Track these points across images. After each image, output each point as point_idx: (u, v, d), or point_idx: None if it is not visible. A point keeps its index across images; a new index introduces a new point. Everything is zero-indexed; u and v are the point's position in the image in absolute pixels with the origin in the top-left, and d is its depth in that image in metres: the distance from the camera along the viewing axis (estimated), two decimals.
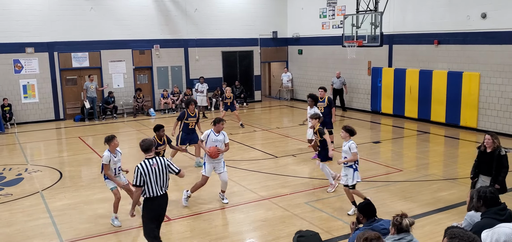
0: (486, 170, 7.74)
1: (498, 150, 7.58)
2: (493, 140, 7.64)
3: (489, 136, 7.74)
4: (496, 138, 7.69)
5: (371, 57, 19.71)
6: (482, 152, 7.82)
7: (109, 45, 20.60)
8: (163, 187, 6.60)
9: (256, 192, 10.09)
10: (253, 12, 23.81)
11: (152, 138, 6.89)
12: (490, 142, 7.65)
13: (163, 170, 6.55)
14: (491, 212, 4.43)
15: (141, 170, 6.45)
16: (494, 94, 15.20)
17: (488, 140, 7.70)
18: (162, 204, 6.67)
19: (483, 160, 7.77)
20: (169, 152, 11.56)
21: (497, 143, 7.65)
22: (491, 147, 7.65)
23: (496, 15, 14.84)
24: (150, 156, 6.60)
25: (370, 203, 5.29)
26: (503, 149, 7.66)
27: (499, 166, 7.55)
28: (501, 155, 7.55)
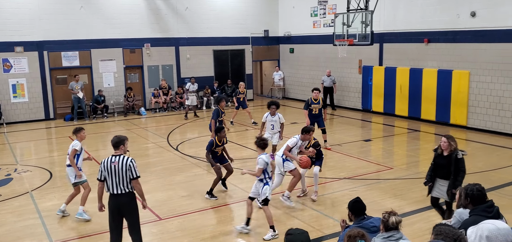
0: (442, 174, 7.49)
1: (455, 153, 7.34)
2: (450, 143, 7.38)
3: (445, 138, 7.47)
4: (452, 140, 7.43)
5: (362, 56, 19.79)
6: (439, 155, 7.56)
7: (99, 44, 20.49)
8: (122, 186, 6.42)
9: (247, 191, 10.06)
10: (244, 10, 23.80)
11: (123, 135, 6.74)
12: (446, 145, 7.39)
13: (122, 169, 6.39)
14: (479, 209, 4.48)
15: (102, 166, 6.50)
16: (483, 92, 15.33)
17: (444, 143, 7.43)
18: (119, 203, 6.51)
19: (439, 163, 7.51)
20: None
21: (454, 145, 7.38)
22: (447, 149, 7.39)
23: (485, 14, 14.97)
24: (116, 153, 6.55)
25: (359, 201, 5.31)
26: (460, 151, 7.42)
27: (457, 170, 7.32)
28: (458, 158, 7.32)
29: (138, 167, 6.67)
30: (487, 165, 11.63)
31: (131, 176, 6.43)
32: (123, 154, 6.59)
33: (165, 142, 15.13)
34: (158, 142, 15.26)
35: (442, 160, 7.43)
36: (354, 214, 5.24)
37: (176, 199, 9.68)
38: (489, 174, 10.90)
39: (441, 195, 7.57)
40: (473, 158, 12.67)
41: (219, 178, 9.81)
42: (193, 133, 16.79)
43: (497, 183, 10.11)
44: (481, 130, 15.41)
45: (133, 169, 6.44)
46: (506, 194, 9.32)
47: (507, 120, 14.74)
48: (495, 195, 9.02)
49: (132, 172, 6.44)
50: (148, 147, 14.64)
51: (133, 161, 6.49)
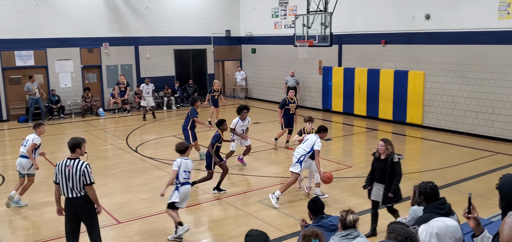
0: (379, 177, 7.48)
1: (391, 157, 7.31)
2: (386, 146, 7.33)
3: (382, 142, 7.43)
4: (389, 144, 7.38)
5: (321, 57, 20.08)
6: (376, 159, 7.53)
7: (55, 43, 19.90)
8: (77, 190, 6.26)
9: (209, 192, 10.06)
10: (206, 10, 23.69)
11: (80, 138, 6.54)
12: (383, 148, 7.35)
13: (76, 174, 6.21)
14: (432, 206, 4.63)
15: (57, 169, 6.36)
16: (437, 92, 15.86)
17: (381, 146, 7.39)
18: (75, 207, 6.36)
19: (377, 167, 7.50)
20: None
21: (391, 149, 7.33)
22: (384, 153, 7.35)
23: (438, 16, 15.49)
24: (72, 156, 6.36)
25: (317, 200, 5.39)
26: (396, 155, 7.37)
27: (392, 173, 7.29)
28: (394, 162, 7.29)
29: (97, 169, 6.58)
30: (442, 163, 12.03)
31: (84, 181, 6.24)
32: (79, 157, 6.40)
33: (124, 144, 14.88)
34: (117, 143, 14.99)
35: (379, 163, 7.44)
36: (313, 213, 5.31)
37: (135, 201, 9.54)
38: (443, 171, 11.29)
39: (379, 199, 7.58)
40: (428, 155, 13.10)
41: (226, 172, 9.90)
42: (153, 134, 16.57)
43: (451, 180, 10.48)
44: (436, 128, 15.93)
45: (87, 174, 6.25)
46: (459, 190, 9.67)
47: (460, 119, 15.30)
48: (448, 191, 9.35)
49: (86, 177, 6.25)
50: (107, 149, 14.36)
51: (87, 167, 6.28)
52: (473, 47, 14.67)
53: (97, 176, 11.05)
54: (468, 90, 14.96)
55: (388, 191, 7.34)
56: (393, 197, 7.37)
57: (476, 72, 14.66)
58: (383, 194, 7.42)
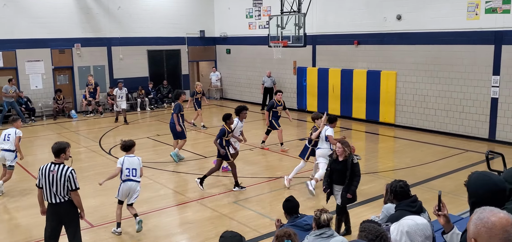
0: (337, 179, 7.47)
1: (351, 158, 7.32)
2: (344, 148, 7.35)
3: (340, 144, 7.44)
4: (347, 146, 7.40)
5: (296, 57, 20.22)
6: (334, 160, 7.52)
7: (25, 44, 19.47)
8: (60, 196, 6.18)
9: (183, 193, 10.02)
10: (179, 10, 23.55)
11: (65, 142, 6.48)
12: (341, 150, 7.35)
13: (61, 179, 6.12)
14: (403, 204, 4.74)
15: (40, 173, 6.26)
16: (409, 91, 16.16)
17: (339, 148, 7.40)
18: (59, 213, 6.28)
19: (335, 169, 7.48)
20: None
21: (349, 150, 7.36)
22: (342, 155, 7.36)
23: (409, 17, 15.79)
24: (56, 161, 6.28)
25: (292, 200, 5.41)
26: (355, 156, 7.43)
27: (352, 174, 7.30)
28: (353, 163, 7.31)
29: None
30: (414, 161, 12.27)
31: (70, 187, 6.18)
32: (63, 162, 6.31)
33: (97, 146, 14.67)
34: (90, 145, 14.77)
35: (338, 165, 7.42)
36: (287, 213, 5.35)
37: (109, 205, 9.40)
38: (415, 169, 11.52)
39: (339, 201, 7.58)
40: (400, 154, 13.34)
41: (234, 166, 10.08)
42: (126, 136, 16.29)
43: (422, 178, 10.70)
44: (408, 127, 16.23)
45: (72, 180, 6.19)
46: (430, 188, 9.88)
47: (431, 118, 15.63)
48: (420, 189, 9.55)
49: (71, 183, 6.18)
50: (80, 151, 14.13)
51: (72, 172, 6.22)
52: (443, 47, 15.01)
53: None
54: (438, 90, 15.29)
55: (347, 192, 7.30)
56: (351, 198, 7.39)
57: (446, 72, 15.00)
58: (342, 195, 7.40)
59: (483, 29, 13.87)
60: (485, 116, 14.19)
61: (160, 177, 11.21)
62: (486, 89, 14.07)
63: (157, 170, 11.77)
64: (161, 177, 11.22)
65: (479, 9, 13.90)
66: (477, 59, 14.18)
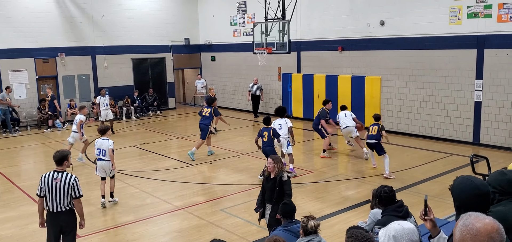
0: (269, 197, 6.82)
1: (280, 175, 6.70)
2: (275, 165, 6.74)
3: (271, 159, 6.82)
4: (278, 162, 6.78)
5: (281, 64, 20.29)
6: (267, 178, 6.90)
7: (8, 54, 19.24)
8: (62, 205, 6.21)
9: (170, 202, 9.96)
10: (164, 18, 23.49)
11: (66, 150, 6.55)
12: (272, 166, 6.77)
13: (65, 187, 6.17)
14: (389, 209, 4.78)
15: (42, 181, 6.22)
16: (394, 96, 16.31)
17: (270, 164, 6.81)
18: (60, 221, 6.28)
19: (266, 187, 6.85)
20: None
21: (280, 166, 6.78)
22: (274, 171, 6.76)
23: (393, 23, 15.96)
24: (59, 169, 6.27)
25: (290, 204, 5.37)
26: (286, 173, 6.82)
27: (282, 193, 6.63)
28: (282, 181, 6.67)
29: None
30: (399, 165, 12.36)
31: (73, 195, 6.22)
32: (65, 169, 6.33)
33: (82, 155, 14.50)
34: (75, 155, 14.58)
35: (269, 182, 6.81)
36: (283, 216, 5.31)
37: (95, 214, 9.32)
38: (401, 173, 11.60)
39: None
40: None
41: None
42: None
43: (408, 182, 10.78)
44: (393, 132, 16.34)
45: (76, 187, 6.23)
46: (416, 192, 9.96)
47: (416, 122, 15.78)
48: (406, 194, 9.62)
49: (75, 191, 6.23)
50: None
51: (76, 179, 6.27)
52: (426, 52, 15.19)
53: None
54: (423, 94, 15.46)
55: (276, 212, 6.43)
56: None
57: (430, 77, 15.17)
58: (270, 215, 6.78)
59: (466, 34, 14.08)
60: (469, 120, 14.38)
61: (146, 185, 11.14)
62: (469, 93, 14.26)
63: (143, 179, 11.70)
64: (147, 185, 11.14)
65: (461, 14, 14.11)
66: (460, 63, 14.37)
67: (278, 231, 5.07)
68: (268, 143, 10.89)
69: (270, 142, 10.90)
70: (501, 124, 13.71)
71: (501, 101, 13.61)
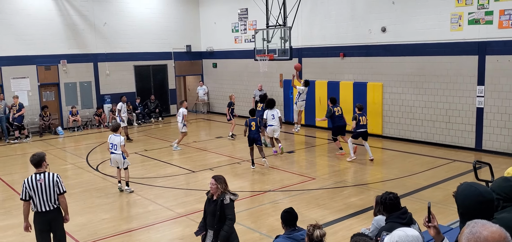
0: (211, 222, 6.13)
1: (222, 198, 6.05)
2: (218, 185, 6.08)
3: (214, 179, 6.15)
4: (221, 182, 6.12)
5: (282, 70, 20.30)
6: (209, 200, 6.24)
7: (10, 62, 19.31)
8: (50, 203, 6.50)
9: (172, 209, 9.95)
10: (166, 26, 23.56)
11: (42, 152, 6.82)
12: (214, 187, 6.09)
13: (50, 186, 6.47)
14: (394, 216, 4.76)
15: (26, 185, 6.46)
16: (396, 102, 16.30)
17: (212, 185, 6.12)
18: (50, 220, 6.58)
19: (209, 210, 6.18)
20: None
21: (223, 187, 6.12)
22: (216, 193, 6.10)
23: (394, 29, 15.98)
24: (39, 170, 6.54)
25: (291, 211, 5.22)
26: (229, 195, 6.12)
27: (223, 217, 6.02)
28: (224, 204, 6.03)
29: None
30: (402, 172, 12.34)
31: (58, 191, 6.53)
32: (45, 170, 6.58)
33: (84, 162, 14.53)
34: (77, 162, 14.62)
35: (211, 205, 6.16)
36: (285, 225, 5.17)
37: (96, 222, 9.31)
38: (403, 180, 11.58)
39: None
40: (388, 165, 13.41)
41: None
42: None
43: (411, 189, 10.76)
44: (395, 138, 16.35)
45: (60, 184, 6.58)
46: (419, 198, 9.93)
47: (418, 128, 15.76)
48: (409, 200, 9.59)
49: (60, 187, 6.56)
50: (67, 168, 13.97)
51: (59, 177, 6.62)
52: (428, 58, 15.20)
53: None
54: (424, 100, 15.45)
55: (217, 239, 6.03)
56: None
57: (432, 83, 15.17)
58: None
59: (467, 40, 14.09)
60: (471, 126, 14.36)
61: (148, 192, 11.13)
62: (471, 99, 14.25)
63: (145, 186, 11.69)
64: (149, 192, 11.13)
65: (463, 20, 14.12)
66: (462, 69, 14.37)
67: (281, 239, 5.03)
68: (255, 131, 13.07)
69: (257, 130, 13.13)
70: (503, 130, 13.69)
71: (503, 107, 13.59)
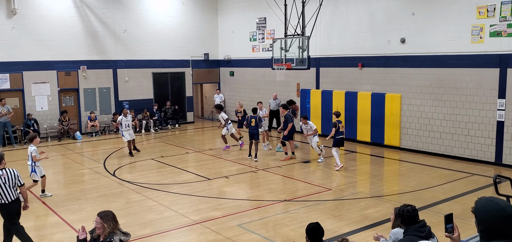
0: None
1: (109, 239, 5.16)
2: (104, 224, 5.19)
3: (99, 217, 5.25)
4: (108, 220, 5.20)
5: (299, 79, 20.26)
6: (95, 240, 5.32)
7: (32, 66, 19.64)
8: (11, 194, 7.61)
9: (188, 216, 9.95)
10: (184, 34, 23.75)
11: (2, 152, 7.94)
12: (100, 226, 5.19)
13: (12, 179, 7.62)
14: (412, 229, 4.67)
15: None
16: (414, 114, 16.12)
17: (97, 224, 5.22)
18: (16, 207, 7.76)
19: None
20: None
21: (112, 226, 5.21)
22: (103, 233, 5.22)
23: (414, 40, 15.84)
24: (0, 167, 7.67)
25: (318, 227, 5.07)
26: (119, 236, 5.23)
27: None
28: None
29: (73, 193, 6.61)
30: (419, 184, 12.17)
31: (19, 183, 7.75)
32: (5, 167, 7.70)
33: (101, 167, 14.65)
34: (94, 167, 14.75)
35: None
36: (311, 240, 5.04)
37: None
38: (421, 192, 11.41)
39: None
40: (406, 177, 13.24)
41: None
42: (131, 158, 16.32)
43: (428, 202, 10.59)
44: (413, 150, 16.15)
45: (19, 177, 7.80)
46: (437, 212, 9.77)
47: (436, 141, 15.55)
48: (427, 213, 9.44)
49: (20, 179, 7.80)
50: (84, 173, 14.10)
51: (16, 170, 7.80)
52: (447, 70, 15.01)
53: (74, 200, 10.86)
54: (443, 113, 15.25)
55: None
56: None
57: (451, 95, 14.97)
58: None
59: (488, 53, 13.88)
60: (491, 139, 14.11)
61: (164, 198, 11.16)
62: (491, 113, 14.01)
63: (161, 192, 11.73)
64: (165, 198, 11.16)
65: (484, 32, 13.93)
66: (482, 82, 14.16)
67: None
68: (255, 127, 14.96)
69: (256, 126, 14.93)
70: None
71: None
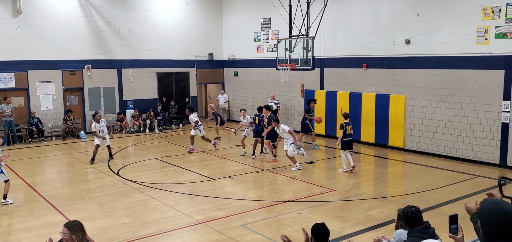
0: None
1: None
2: (72, 235, 4.82)
3: (66, 228, 4.88)
4: (77, 230, 4.86)
5: (304, 80, 20.25)
6: None
7: (37, 66, 19.72)
8: None
9: (191, 216, 9.97)
10: (189, 34, 23.79)
11: None
12: (68, 238, 4.82)
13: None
14: (416, 230, 4.66)
15: None
16: (418, 115, 16.08)
17: (64, 235, 4.85)
18: None
19: None
20: None
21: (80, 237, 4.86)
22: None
23: (418, 41, 15.80)
24: None
25: (324, 228, 5.06)
26: None
27: None
28: None
29: (77, 192, 6.51)
30: (423, 186, 12.14)
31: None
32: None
33: (105, 166, 14.69)
34: (98, 166, 14.79)
35: None
36: (317, 240, 5.02)
37: (116, 226, 9.38)
38: (425, 194, 11.38)
39: None
40: (410, 179, 13.21)
41: None
42: (135, 157, 16.38)
43: (432, 203, 10.56)
44: (417, 151, 16.11)
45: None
46: (441, 213, 9.74)
47: (440, 142, 15.51)
48: (431, 215, 9.42)
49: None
50: (88, 172, 14.14)
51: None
52: (452, 72, 14.96)
53: (78, 200, 10.90)
54: (448, 114, 15.20)
55: None
56: None
57: (456, 97, 14.92)
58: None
59: (493, 54, 13.83)
60: (496, 141, 14.05)
61: (168, 198, 11.18)
62: (496, 114, 13.96)
63: (165, 191, 11.75)
64: (169, 198, 11.18)
65: (489, 34, 13.88)
66: (487, 84, 14.11)
67: None
68: (258, 125, 15.43)
69: (260, 124, 15.36)
70: None
71: None
